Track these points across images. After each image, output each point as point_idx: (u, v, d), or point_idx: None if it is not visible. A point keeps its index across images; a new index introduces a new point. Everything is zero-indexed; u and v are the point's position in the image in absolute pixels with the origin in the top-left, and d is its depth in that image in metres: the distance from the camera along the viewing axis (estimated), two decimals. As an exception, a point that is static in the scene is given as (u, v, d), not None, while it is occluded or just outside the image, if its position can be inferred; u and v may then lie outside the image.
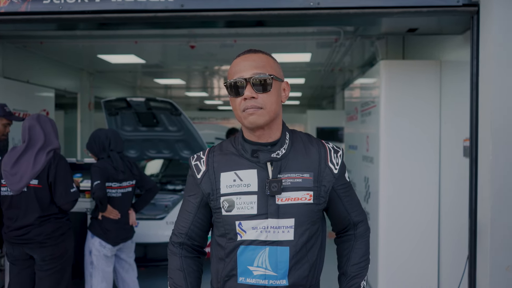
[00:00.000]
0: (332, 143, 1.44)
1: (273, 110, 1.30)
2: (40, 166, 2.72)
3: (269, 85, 1.28)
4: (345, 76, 8.39)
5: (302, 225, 1.31)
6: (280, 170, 1.31)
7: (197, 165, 1.39)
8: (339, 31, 4.98)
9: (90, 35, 5.35)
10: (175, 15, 2.77)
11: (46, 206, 2.74)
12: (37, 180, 2.72)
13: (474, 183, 2.68)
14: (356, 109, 5.08)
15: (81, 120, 8.12)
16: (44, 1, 2.82)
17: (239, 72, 1.29)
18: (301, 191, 1.31)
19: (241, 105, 1.28)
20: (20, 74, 6.11)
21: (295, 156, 1.35)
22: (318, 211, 1.36)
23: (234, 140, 1.40)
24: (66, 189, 2.76)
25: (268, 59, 1.35)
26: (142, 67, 8.11)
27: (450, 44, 3.54)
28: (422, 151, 3.78)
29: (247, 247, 1.30)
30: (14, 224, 2.72)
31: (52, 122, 2.93)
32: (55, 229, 2.75)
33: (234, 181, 1.32)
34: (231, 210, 1.31)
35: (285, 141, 1.36)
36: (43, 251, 2.72)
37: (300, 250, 1.31)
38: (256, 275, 1.29)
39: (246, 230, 1.29)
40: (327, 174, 1.36)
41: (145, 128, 5.00)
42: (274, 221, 1.29)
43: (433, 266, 3.78)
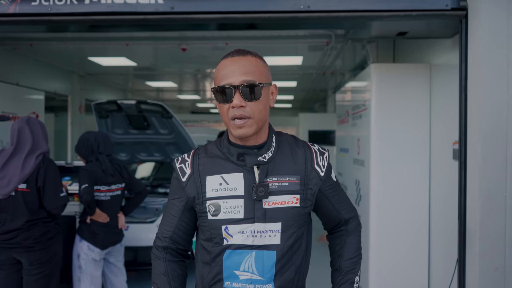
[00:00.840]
0: (318, 145, 1.43)
1: (262, 119, 1.29)
2: (29, 170, 2.67)
3: (258, 94, 1.26)
4: (337, 79, 8.43)
5: (289, 229, 1.30)
6: (267, 174, 1.30)
7: (182, 168, 1.36)
8: (331, 35, 5.00)
9: (80, 37, 5.32)
10: (165, 18, 2.76)
11: (35, 210, 2.70)
12: (26, 184, 2.67)
13: (463, 186, 2.69)
14: (347, 112, 5.10)
15: (71, 123, 8.07)
16: (33, 2, 2.80)
17: (227, 78, 1.26)
18: (288, 194, 1.30)
19: (229, 113, 1.26)
20: (9, 77, 6.06)
21: (282, 159, 1.33)
22: (305, 214, 1.35)
23: (219, 142, 1.38)
24: (55, 193, 2.73)
25: (258, 62, 1.31)
26: (133, 70, 8.08)
27: (440, 47, 3.57)
28: (413, 154, 3.80)
29: (233, 251, 1.28)
30: (1, 228, 2.67)
31: (42, 125, 2.88)
32: (43, 233, 2.71)
33: (220, 184, 1.30)
34: (217, 214, 1.29)
35: (272, 144, 1.34)
36: (31, 256, 2.68)
37: (286, 254, 1.31)
38: (242, 280, 1.28)
39: (232, 234, 1.28)
40: (314, 177, 1.35)
41: (136, 131, 4.97)
42: (261, 225, 1.27)
43: (424, 268, 3.79)
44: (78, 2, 2.77)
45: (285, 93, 11.79)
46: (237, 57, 1.29)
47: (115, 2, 2.75)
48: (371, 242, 3.88)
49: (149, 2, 2.73)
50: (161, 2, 2.72)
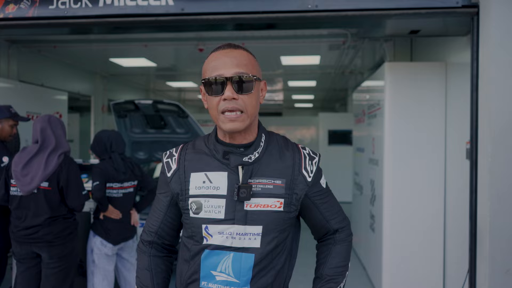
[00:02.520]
0: (309, 149, 1.36)
1: (254, 113, 1.23)
2: (51, 169, 2.73)
3: (251, 86, 1.20)
4: (357, 79, 8.35)
5: (270, 233, 1.25)
6: (251, 175, 1.24)
7: (169, 162, 1.33)
8: (346, 34, 4.98)
9: (101, 39, 5.46)
10: (176, 19, 2.82)
11: (56, 207, 2.77)
12: (48, 183, 2.73)
13: (474, 186, 2.65)
14: (363, 111, 5.06)
15: (94, 123, 8.27)
16: (50, 6, 2.91)
17: (219, 69, 1.20)
18: (271, 198, 1.24)
19: (219, 106, 1.20)
20: (34, 78, 6.28)
21: (268, 160, 1.27)
22: (289, 219, 1.29)
23: (207, 138, 1.33)
24: (78, 192, 2.81)
25: (250, 57, 1.26)
26: (154, 70, 8.22)
27: (456, 45, 3.51)
28: (427, 153, 3.75)
29: (212, 251, 1.24)
30: (23, 224, 2.75)
31: (62, 124, 2.94)
32: (63, 229, 2.79)
33: (203, 182, 1.26)
34: (198, 212, 1.25)
35: (260, 144, 1.28)
36: (51, 250, 2.76)
37: (266, 258, 1.25)
38: (218, 281, 1.24)
39: (212, 234, 1.24)
40: (300, 181, 1.28)
41: (153, 130, 5.07)
42: (241, 227, 1.23)
43: (439, 269, 3.74)
44: (93, 5, 2.86)
45: (305, 92, 11.76)
46: (228, 49, 1.24)
47: (127, 5, 2.83)
48: (384, 241, 3.85)
49: (160, 4, 2.80)
50: (172, 4, 2.79)
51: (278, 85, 10.25)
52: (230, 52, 1.23)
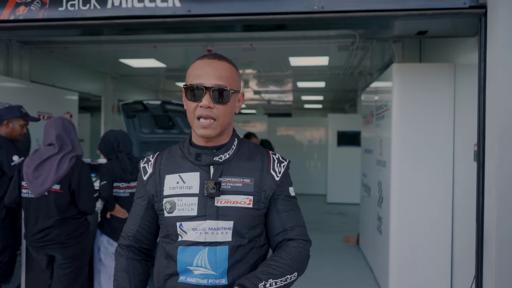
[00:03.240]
0: (279, 155, 1.43)
1: (226, 122, 1.32)
2: (63, 172, 2.75)
3: (227, 98, 1.29)
4: (366, 79, 8.32)
5: (241, 228, 1.31)
6: (221, 174, 1.32)
7: (145, 167, 1.41)
8: (355, 34, 4.96)
9: (112, 40, 5.52)
10: (183, 20, 2.85)
11: (64, 210, 2.79)
12: (59, 185, 2.75)
13: (481, 188, 2.63)
14: (371, 112, 5.04)
15: (104, 122, 8.35)
16: (60, 8, 2.95)
17: (200, 78, 1.28)
18: (240, 195, 1.32)
19: (196, 111, 1.28)
20: (46, 78, 6.37)
21: (238, 161, 1.36)
22: (259, 216, 1.35)
23: (182, 143, 1.42)
24: (90, 195, 2.84)
25: (232, 69, 1.34)
26: (164, 71, 8.28)
27: (464, 46, 3.48)
28: (435, 155, 3.72)
29: (186, 247, 1.30)
30: (35, 227, 2.76)
31: (74, 126, 2.96)
32: (74, 229, 2.81)
33: (177, 183, 1.33)
34: (172, 211, 1.32)
35: (232, 147, 1.37)
36: (65, 251, 2.78)
37: (239, 250, 1.31)
38: (196, 275, 1.29)
39: (186, 231, 1.30)
40: (269, 180, 1.35)
41: (161, 131, 5.11)
42: (213, 222, 1.29)
43: (446, 271, 3.71)
44: (101, 7, 2.90)
45: (314, 93, 11.73)
46: (213, 60, 1.32)
47: (135, 6, 2.86)
48: (391, 243, 3.83)
49: (167, 5, 2.82)
50: (179, 6, 2.81)
51: (287, 86, 10.24)
52: (214, 63, 1.31)
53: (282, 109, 15.40)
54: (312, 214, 8.35)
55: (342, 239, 6.28)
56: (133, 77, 9.03)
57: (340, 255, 5.53)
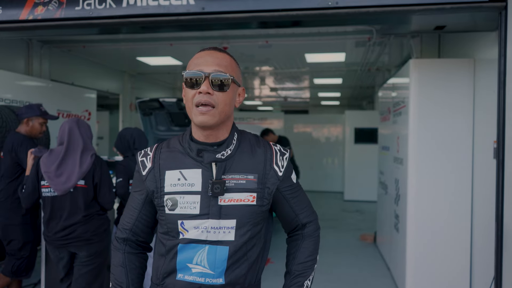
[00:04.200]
0: (280, 146, 1.42)
1: (225, 111, 1.29)
2: (87, 167, 2.80)
3: (227, 86, 1.28)
4: (384, 76, 8.21)
5: (243, 226, 1.31)
6: (224, 171, 1.31)
7: (143, 161, 1.38)
8: (372, 30, 4.89)
9: (128, 39, 5.58)
10: (197, 18, 2.85)
11: (90, 205, 2.84)
12: (84, 181, 2.81)
13: (501, 186, 2.56)
14: (388, 109, 4.97)
15: (122, 120, 8.46)
16: (76, 7, 2.99)
17: (200, 65, 1.28)
18: (244, 192, 1.31)
19: (194, 98, 1.26)
20: (65, 77, 6.48)
21: (241, 157, 1.34)
22: (262, 212, 1.35)
23: (182, 137, 1.39)
24: (109, 189, 2.89)
25: (232, 61, 1.34)
26: (180, 69, 8.33)
27: (484, 41, 3.40)
28: (454, 152, 3.64)
29: (187, 245, 1.30)
30: (58, 225, 2.79)
31: (89, 127, 3.00)
32: (99, 226, 2.85)
33: (178, 180, 1.31)
34: (174, 209, 1.31)
35: (232, 141, 1.35)
36: (90, 248, 2.81)
37: (240, 250, 1.31)
38: (194, 273, 1.30)
39: (188, 229, 1.30)
40: (272, 176, 1.35)
41: (177, 128, 5.15)
42: (215, 221, 1.29)
43: (465, 271, 3.63)
44: (117, 6, 2.93)
45: (331, 90, 11.64)
46: (213, 51, 1.33)
47: (149, 5, 2.88)
48: (408, 242, 3.78)
49: (181, 3, 2.83)
50: (193, 3, 2.82)
51: (304, 82, 10.18)
52: (214, 53, 1.32)
53: (299, 106, 15.34)
54: (329, 211, 8.30)
55: (359, 237, 6.22)
56: (150, 75, 9.12)
57: (357, 253, 5.48)
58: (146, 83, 9.47)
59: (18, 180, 3.28)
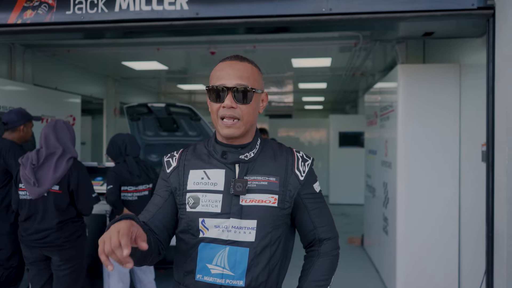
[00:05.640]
0: (303, 152, 1.44)
1: (250, 121, 1.33)
2: (61, 172, 2.77)
3: (250, 98, 1.31)
4: (368, 81, 8.33)
5: (264, 228, 1.31)
6: (247, 172, 1.33)
7: (169, 161, 1.42)
8: (358, 36, 4.97)
9: (114, 43, 5.52)
10: (191, 23, 2.85)
11: (64, 210, 2.80)
12: (58, 186, 2.78)
13: (491, 189, 2.63)
14: (375, 113, 5.05)
15: (106, 125, 8.34)
16: (67, 11, 2.96)
17: (223, 79, 1.30)
18: (266, 193, 1.32)
19: (219, 112, 1.30)
20: (48, 81, 6.36)
21: (263, 160, 1.37)
22: (283, 215, 1.35)
23: (207, 142, 1.43)
24: (88, 195, 2.84)
25: (253, 69, 1.35)
26: (165, 73, 8.28)
27: (470, 47, 3.49)
28: (442, 156, 3.72)
29: (207, 244, 1.31)
30: (32, 228, 2.77)
31: (70, 129, 2.95)
32: (72, 233, 2.82)
33: (202, 179, 1.34)
34: (195, 207, 1.32)
35: (256, 145, 1.38)
36: (62, 254, 2.80)
37: (261, 253, 1.31)
38: (213, 274, 1.30)
39: (208, 227, 1.31)
40: (293, 179, 1.36)
41: (166, 133, 5.10)
42: (236, 221, 1.30)
43: (453, 273, 3.71)
44: (109, 11, 2.90)
45: (315, 94, 11.74)
46: (234, 61, 1.34)
47: (143, 10, 2.87)
48: (398, 244, 3.83)
49: (175, 8, 2.83)
50: (186, 8, 2.82)
51: (288, 87, 10.25)
52: (235, 64, 1.33)
53: (282, 110, 15.40)
54: (315, 215, 8.33)
55: (347, 240, 6.28)
56: (134, 80, 9.03)
57: (345, 256, 5.51)
58: (130, 87, 9.37)
59: (7, 188, 3.20)
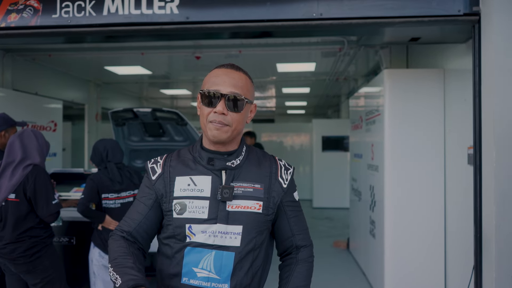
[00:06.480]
0: (285, 161, 1.50)
1: (238, 129, 1.36)
2: (16, 181, 2.71)
3: (241, 106, 1.34)
4: (350, 85, 8.43)
5: (249, 233, 1.35)
6: (233, 179, 1.36)
7: (153, 167, 1.42)
8: (343, 41, 5.03)
9: (97, 48, 5.44)
10: (181, 27, 2.83)
11: (22, 220, 2.73)
12: (14, 194, 2.72)
13: (478, 191, 2.68)
14: (360, 117, 5.10)
15: (88, 131, 8.20)
16: (53, 15, 2.90)
17: (217, 85, 1.33)
18: (251, 200, 1.36)
19: (209, 116, 1.33)
20: (28, 86, 6.21)
21: (249, 167, 1.40)
22: (266, 221, 1.39)
23: (192, 148, 1.44)
24: (47, 202, 2.75)
25: (247, 80, 1.39)
26: (148, 78, 8.21)
27: (454, 52, 3.57)
28: (427, 159, 3.79)
29: (194, 248, 1.33)
30: None
31: (39, 137, 2.87)
32: (28, 248, 2.73)
33: (188, 185, 1.36)
34: (182, 213, 1.34)
35: (242, 152, 1.41)
36: (17, 267, 2.73)
37: (245, 258, 1.35)
38: (199, 277, 1.32)
39: (195, 233, 1.33)
40: (277, 187, 1.41)
41: (151, 138, 5.04)
42: (222, 226, 1.32)
43: (440, 274, 3.77)
44: (97, 14, 2.86)
45: (298, 99, 11.81)
46: (230, 69, 1.38)
47: (132, 13, 2.83)
48: (386, 247, 3.87)
49: (165, 12, 2.81)
50: (177, 12, 2.79)
51: (270, 91, 10.28)
52: (231, 73, 1.37)
53: (264, 115, 15.44)
54: (299, 219, 8.35)
55: (332, 244, 6.31)
56: (117, 85, 8.92)
57: (331, 260, 5.56)
58: (112, 93, 9.24)
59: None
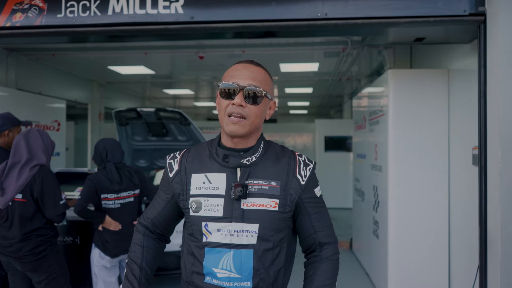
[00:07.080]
0: (305, 157, 1.45)
1: (255, 123, 1.35)
2: (23, 181, 2.72)
3: (259, 99, 1.33)
4: (353, 85, 8.42)
5: (266, 232, 1.33)
6: (248, 176, 1.35)
7: (171, 163, 1.44)
8: (347, 41, 5.02)
9: (100, 47, 5.45)
10: (185, 27, 2.83)
11: (29, 220, 2.74)
12: (21, 195, 2.72)
13: (483, 192, 2.67)
14: (364, 118, 5.09)
15: (91, 131, 8.22)
16: (58, 15, 2.90)
17: (236, 78, 1.34)
18: (266, 198, 1.34)
19: (227, 108, 1.32)
20: (32, 86, 6.23)
21: (265, 164, 1.38)
22: (284, 219, 1.37)
23: (210, 143, 1.44)
24: (55, 202, 2.76)
25: (266, 75, 1.39)
26: (151, 78, 8.21)
27: (458, 53, 3.56)
28: (431, 159, 3.78)
29: (212, 249, 1.33)
30: (1, 234, 2.75)
31: (45, 136, 2.87)
32: (35, 247, 2.74)
33: (203, 183, 1.36)
34: (198, 211, 1.35)
35: (258, 149, 1.39)
36: (23, 265, 2.74)
37: (265, 255, 1.34)
38: (220, 277, 1.32)
39: (211, 231, 1.33)
40: (294, 184, 1.37)
41: (155, 138, 5.05)
42: (238, 225, 1.32)
43: (444, 275, 3.75)
44: (102, 14, 2.86)
45: (301, 99, 11.81)
46: (250, 64, 1.38)
47: (137, 13, 2.84)
48: (389, 248, 3.86)
49: (170, 12, 2.81)
50: (181, 12, 2.80)
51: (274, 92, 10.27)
52: (250, 67, 1.37)
53: (267, 115, 15.41)
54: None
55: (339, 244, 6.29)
56: (120, 84, 8.93)
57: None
58: (115, 92, 9.26)
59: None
